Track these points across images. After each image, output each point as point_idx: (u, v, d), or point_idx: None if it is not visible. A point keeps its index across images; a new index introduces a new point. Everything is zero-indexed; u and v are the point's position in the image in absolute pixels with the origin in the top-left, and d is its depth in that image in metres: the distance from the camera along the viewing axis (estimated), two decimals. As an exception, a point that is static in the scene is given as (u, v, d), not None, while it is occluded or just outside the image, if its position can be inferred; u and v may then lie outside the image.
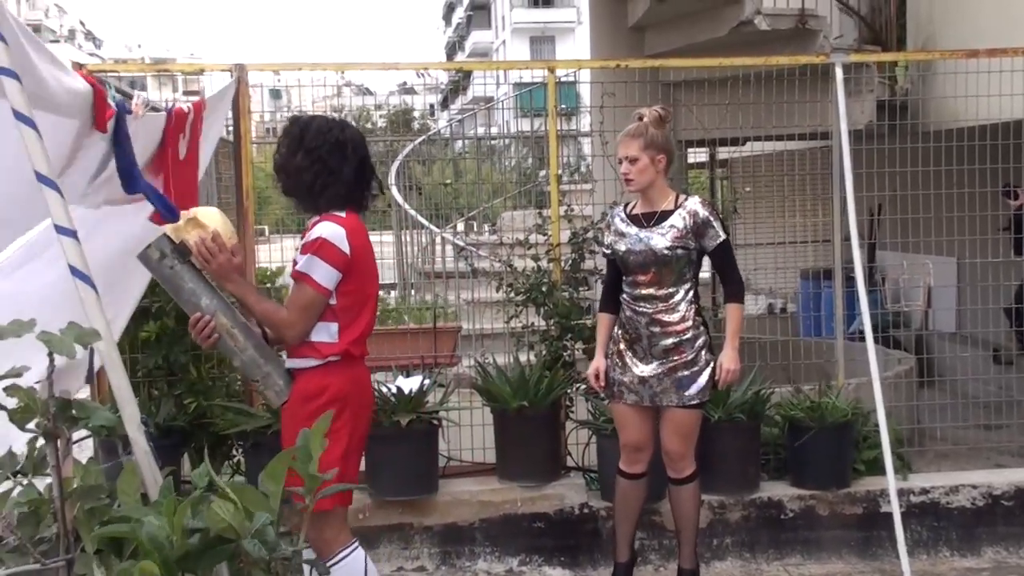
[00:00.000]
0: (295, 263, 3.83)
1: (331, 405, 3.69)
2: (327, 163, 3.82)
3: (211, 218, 3.69)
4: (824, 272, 10.46)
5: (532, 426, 5.75)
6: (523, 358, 6.05)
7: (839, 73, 5.93)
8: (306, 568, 2.14)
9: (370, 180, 4.00)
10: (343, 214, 3.84)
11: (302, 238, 3.89)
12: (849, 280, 6.48)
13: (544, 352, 5.99)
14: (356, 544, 3.92)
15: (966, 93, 6.31)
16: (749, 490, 5.71)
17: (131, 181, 3.75)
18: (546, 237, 6.18)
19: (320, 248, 3.73)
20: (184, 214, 3.69)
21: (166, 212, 4.14)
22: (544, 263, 6.11)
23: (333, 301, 3.79)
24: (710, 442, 5.67)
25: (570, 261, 6.12)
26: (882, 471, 5.49)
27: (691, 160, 11.19)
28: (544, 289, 6.00)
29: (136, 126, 3.79)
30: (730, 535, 5.68)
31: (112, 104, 3.46)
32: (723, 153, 12.30)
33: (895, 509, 5.33)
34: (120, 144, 3.63)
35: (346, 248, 3.75)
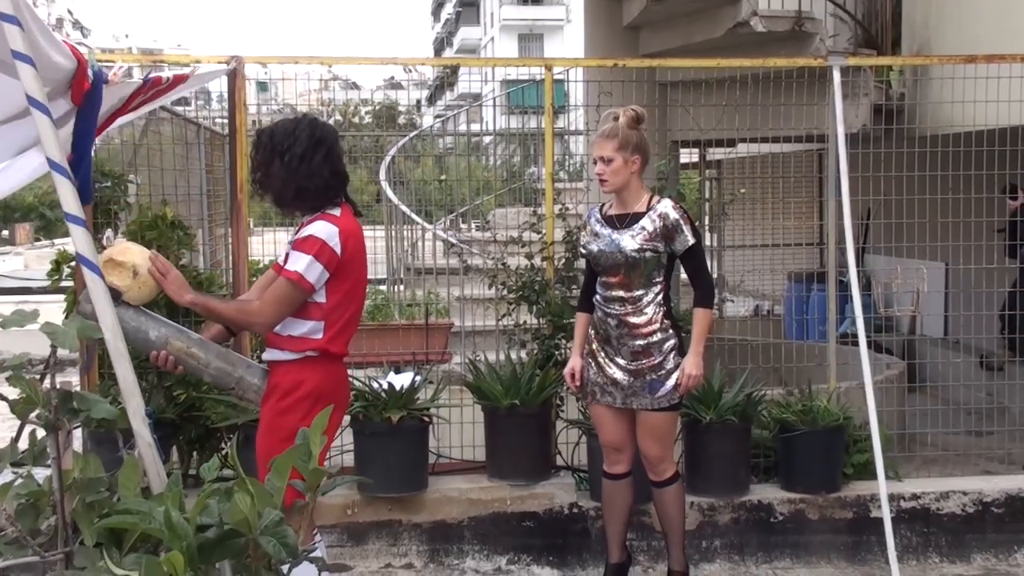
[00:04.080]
0: (286, 258, 3.80)
1: (305, 401, 3.71)
2: (305, 160, 3.76)
3: (127, 254, 3.63)
4: (812, 275, 10.48)
5: (523, 425, 5.73)
6: (515, 356, 6.03)
7: (836, 76, 5.91)
8: None
9: (343, 170, 3.92)
10: (338, 212, 3.82)
11: (296, 232, 3.86)
12: (840, 284, 6.48)
13: (536, 350, 5.98)
14: (319, 542, 3.88)
15: (963, 98, 6.31)
16: (739, 492, 5.69)
17: (78, 145, 3.69)
18: (540, 235, 6.16)
19: (314, 248, 3.70)
20: (99, 258, 3.65)
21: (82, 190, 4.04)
22: (537, 261, 6.09)
23: (322, 299, 3.77)
24: (700, 444, 5.68)
25: (563, 259, 6.10)
26: (871, 475, 5.49)
27: (684, 160, 11.16)
28: (537, 287, 5.99)
29: (109, 92, 3.75)
30: (719, 537, 5.66)
31: (90, 75, 3.42)
32: (715, 154, 12.29)
33: (886, 514, 5.32)
34: (86, 111, 3.57)
35: (339, 248, 3.74)
